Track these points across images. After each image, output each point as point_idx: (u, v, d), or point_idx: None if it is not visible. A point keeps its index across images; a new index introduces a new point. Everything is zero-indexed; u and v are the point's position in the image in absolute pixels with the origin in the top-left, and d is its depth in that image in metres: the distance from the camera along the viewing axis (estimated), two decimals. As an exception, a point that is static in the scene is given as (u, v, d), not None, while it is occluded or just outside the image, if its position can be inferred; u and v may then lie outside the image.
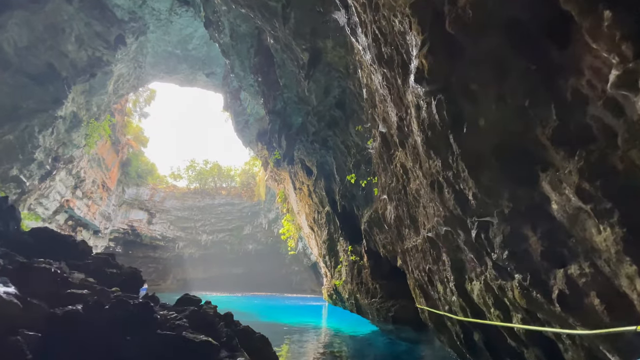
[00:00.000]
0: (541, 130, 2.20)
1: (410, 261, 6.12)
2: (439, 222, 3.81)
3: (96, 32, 21.67)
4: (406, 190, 5.31)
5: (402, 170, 5.23)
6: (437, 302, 5.06)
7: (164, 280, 65.03)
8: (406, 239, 5.97)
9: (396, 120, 4.22)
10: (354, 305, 16.50)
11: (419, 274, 5.61)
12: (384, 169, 6.28)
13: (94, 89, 24.45)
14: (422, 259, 5.09)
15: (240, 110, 31.45)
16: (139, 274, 6.13)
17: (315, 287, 55.49)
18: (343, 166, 15.73)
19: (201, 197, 65.50)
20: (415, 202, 4.98)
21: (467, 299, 3.95)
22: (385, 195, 6.70)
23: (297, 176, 21.87)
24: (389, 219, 6.72)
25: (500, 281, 3.08)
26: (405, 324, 13.50)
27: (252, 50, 17.60)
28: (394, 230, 6.48)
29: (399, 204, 5.78)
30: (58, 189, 34.23)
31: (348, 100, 12.97)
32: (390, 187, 6.10)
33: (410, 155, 4.22)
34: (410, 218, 5.33)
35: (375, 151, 6.62)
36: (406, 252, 6.28)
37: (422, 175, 3.87)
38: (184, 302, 5.45)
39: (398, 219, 6.05)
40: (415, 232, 5.25)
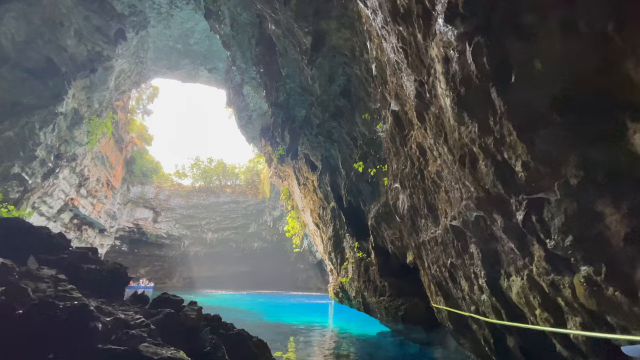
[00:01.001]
0: (635, 62, 1.56)
1: (426, 256, 5.47)
2: (468, 206, 3.17)
3: (95, 26, 21.24)
4: (423, 174, 4.65)
5: (419, 152, 4.57)
6: (460, 301, 4.42)
7: (170, 278, 65.16)
8: (422, 231, 5.32)
9: (414, 88, 3.57)
10: (361, 303, 15.87)
11: (437, 269, 4.96)
12: (396, 154, 5.63)
13: (94, 85, 24.07)
14: (442, 253, 4.45)
15: (243, 106, 30.94)
16: (122, 271, 5.54)
17: (321, 285, 55.05)
18: (349, 159, 15.07)
19: (206, 195, 65.40)
20: (435, 188, 4.33)
21: (501, 298, 3.31)
22: (397, 184, 6.05)
23: (301, 171, 21.26)
24: (401, 209, 6.07)
25: (552, 276, 2.44)
26: (416, 323, 12.84)
27: (253, 40, 16.99)
28: (407, 222, 5.83)
29: (414, 192, 5.13)
30: (62, 187, 34.10)
31: (354, 88, 12.30)
32: (403, 173, 5.44)
33: (431, 130, 3.58)
34: (428, 206, 4.68)
35: (386, 134, 5.96)
36: (421, 245, 5.63)
37: (447, 151, 3.22)
38: (160, 304, 4.72)
39: (412, 209, 5.40)
40: (434, 222, 4.60)
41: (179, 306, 4.61)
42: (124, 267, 5.71)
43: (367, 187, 14.55)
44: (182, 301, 4.92)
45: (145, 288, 53.96)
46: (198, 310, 4.44)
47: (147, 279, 59.51)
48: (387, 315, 14.03)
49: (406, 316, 12.99)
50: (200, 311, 4.50)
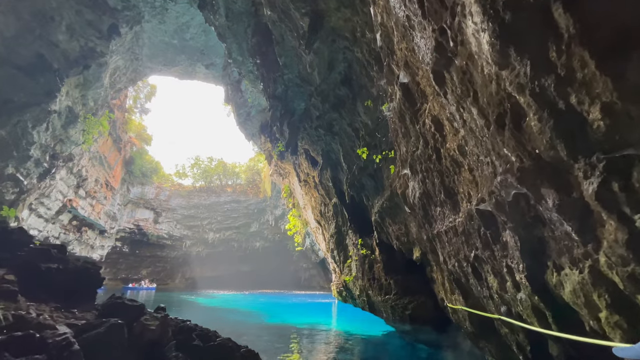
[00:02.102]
0: None
1: (441, 249, 4.81)
2: (504, 182, 2.51)
3: (88, 20, 20.63)
4: (439, 153, 3.99)
5: (434, 127, 3.90)
6: (485, 300, 3.77)
7: (172, 279, 64.79)
8: (436, 221, 4.66)
9: (432, 40, 2.91)
10: (365, 302, 15.22)
11: (456, 264, 4.30)
12: (405, 135, 4.96)
13: (88, 82, 23.48)
14: (464, 244, 3.80)
15: (242, 102, 30.34)
16: (94, 271, 4.87)
17: (324, 284, 54.48)
18: (351, 152, 14.40)
19: (207, 195, 64.91)
20: (454, 168, 3.67)
21: (547, 296, 2.66)
22: (406, 170, 5.38)
23: (301, 167, 20.63)
24: (411, 198, 5.41)
25: (633, 267, 1.79)
26: (425, 323, 12.18)
27: (249, 30, 16.33)
28: (419, 212, 5.17)
29: (427, 176, 4.46)
30: (60, 188, 33.61)
31: (355, 76, 11.62)
32: (414, 155, 4.77)
33: (453, 93, 2.92)
34: (445, 191, 4.02)
35: (393, 113, 5.30)
36: (436, 238, 4.96)
37: (478, 114, 2.57)
38: (108, 311, 3.84)
39: (425, 196, 4.74)
40: (453, 209, 3.94)
41: (136, 314, 3.88)
42: (96, 266, 5.07)
43: (370, 181, 13.90)
44: (140, 307, 4.17)
45: (147, 289, 53.53)
46: (162, 320, 3.72)
47: (149, 280, 59.13)
48: (393, 315, 13.37)
49: (414, 315, 12.34)
50: (166, 320, 3.80)
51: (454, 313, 5.86)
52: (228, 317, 18.35)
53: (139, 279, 58.08)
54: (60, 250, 5.33)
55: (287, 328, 13.39)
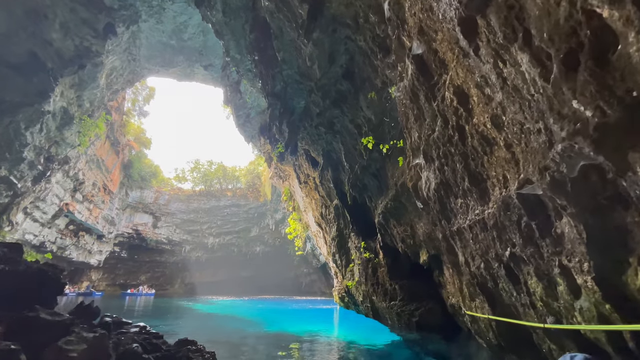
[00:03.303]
0: None
1: (462, 248, 4.14)
2: (569, 151, 1.86)
3: (82, 19, 20.16)
4: (463, 132, 3.34)
5: (458, 100, 3.26)
6: (523, 309, 3.09)
7: (171, 285, 63.93)
8: (457, 216, 3.99)
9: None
10: (369, 309, 14.47)
11: (482, 265, 3.63)
12: (418, 117, 4.31)
13: (84, 83, 22.98)
14: (495, 240, 3.13)
15: (241, 104, 29.87)
16: (53, 274, 4.13)
17: (325, 289, 53.52)
18: (353, 151, 13.78)
19: (206, 199, 64.26)
20: (485, 147, 3.02)
21: (624, 304, 1.99)
22: (419, 159, 4.72)
23: (301, 169, 20.02)
24: (424, 191, 4.74)
25: None
26: (433, 331, 11.42)
27: (247, 26, 15.81)
28: (434, 206, 4.50)
29: (447, 162, 3.81)
30: (55, 192, 33.02)
31: (357, 68, 11.03)
32: (429, 140, 4.12)
33: (488, 46, 2.28)
34: (471, 177, 3.36)
35: (403, 94, 4.65)
36: (455, 236, 4.29)
37: (530, 60, 1.92)
38: (13, 329, 2.77)
39: (443, 186, 4.08)
40: (480, 199, 3.28)
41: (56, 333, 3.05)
42: (57, 269, 4.39)
43: (373, 181, 13.26)
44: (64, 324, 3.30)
45: (146, 295, 52.67)
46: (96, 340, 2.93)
47: (147, 285, 58.26)
48: (399, 322, 12.61)
49: (421, 323, 11.58)
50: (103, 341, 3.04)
51: (473, 322, 5.15)
52: (225, 325, 17.57)
53: (137, 285, 57.23)
54: (13, 249, 4.66)
55: (287, 337, 12.62)
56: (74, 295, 43.99)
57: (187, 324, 18.11)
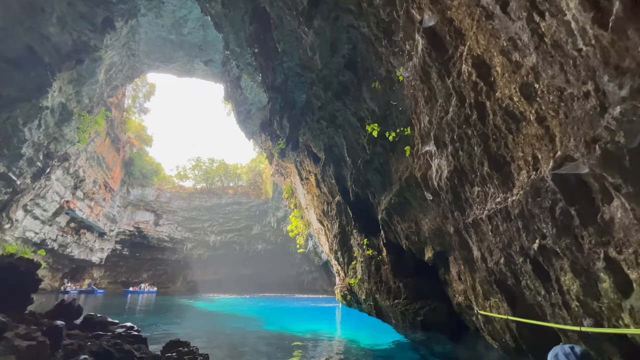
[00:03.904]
0: None
1: (477, 243, 3.76)
2: (630, 114, 1.47)
3: (80, 13, 19.82)
4: (483, 110, 2.95)
5: (477, 73, 2.87)
6: (553, 309, 2.71)
7: (173, 282, 63.90)
8: (472, 206, 3.61)
9: None
10: (372, 307, 14.12)
11: (502, 260, 3.25)
12: (429, 98, 3.92)
13: (83, 78, 22.67)
14: (521, 231, 2.75)
15: (242, 99, 29.53)
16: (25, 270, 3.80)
17: (327, 287, 53.26)
18: (355, 145, 13.39)
19: (208, 197, 64.08)
20: (510, 124, 2.63)
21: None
22: (429, 146, 4.33)
23: (303, 165, 19.67)
24: (435, 180, 4.35)
25: None
26: (438, 330, 11.06)
27: (246, 17, 15.41)
28: (446, 197, 4.12)
29: (462, 146, 3.42)
30: (56, 189, 32.84)
31: (360, 58, 10.62)
32: (442, 123, 3.73)
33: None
34: (491, 161, 2.98)
35: (412, 75, 4.26)
36: (469, 228, 3.90)
37: (580, 3, 1.53)
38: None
39: (457, 174, 3.69)
40: (502, 185, 2.90)
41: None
42: (33, 264, 4.05)
43: (376, 176, 12.88)
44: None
45: (148, 293, 52.61)
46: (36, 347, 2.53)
47: (150, 283, 58.23)
48: (403, 321, 12.25)
49: (426, 322, 11.22)
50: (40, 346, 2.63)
51: (487, 322, 4.77)
52: (225, 323, 17.27)
53: (139, 283, 57.21)
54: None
55: (288, 337, 12.28)
56: (76, 293, 43.95)
57: (186, 322, 17.83)
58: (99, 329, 4.45)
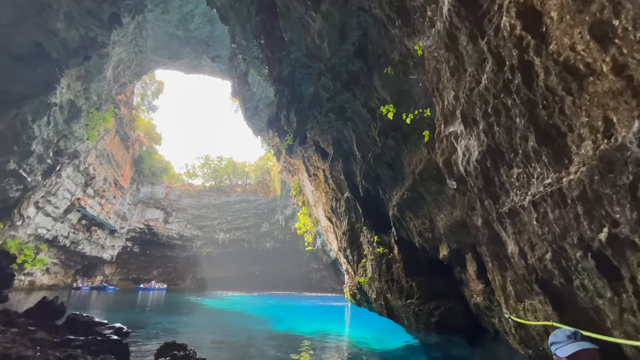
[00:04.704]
0: None
1: (515, 235, 3.21)
2: None
3: (87, 8, 19.70)
4: (529, 71, 2.40)
5: (523, 25, 2.32)
6: (619, 314, 2.16)
7: (183, 279, 64.36)
8: (510, 191, 3.06)
9: None
10: (383, 307, 13.59)
11: (548, 255, 2.70)
12: (457, 68, 3.37)
13: (90, 74, 22.63)
14: (580, 218, 2.20)
15: (249, 96, 29.22)
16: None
17: (335, 286, 52.81)
18: (365, 138, 12.84)
19: (217, 195, 64.27)
20: (568, 84, 2.09)
21: None
22: (454, 125, 3.79)
23: (310, 161, 19.19)
24: (462, 165, 3.80)
25: None
26: (455, 332, 10.46)
27: (252, 8, 14.99)
28: (477, 182, 3.57)
29: (499, 120, 2.88)
30: (67, 186, 33.14)
31: (371, 45, 10.07)
32: (472, 96, 3.18)
33: None
34: (539, 135, 2.43)
35: (435, 43, 3.71)
36: (504, 219, 3.35)
37: None
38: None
39: (491, 155, 3.15)
40: (555, 163, 2.36)
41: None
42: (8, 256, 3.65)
43: (387, 171, 12.30)
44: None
45: (158, 289, 53.06)
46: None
47: (160, 280, 58.74)
48: (416, 322, 11.68)
49: (441, 323, 10.63)
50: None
51: (519, 327, 4.20)
52: (233, 322, 16.95)
53: (149, 280, 57.76)
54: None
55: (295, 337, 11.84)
56: (88, 290, 44.53)
57: (193, 321, 17.59)
58: (82, 330, 4.06)
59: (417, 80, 6.81)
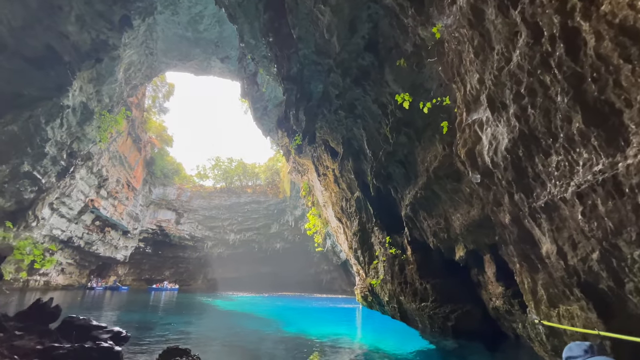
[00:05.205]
0: None
1: (552, 232, 2.84)
2: None
3: (98, 11, 19.92)
4: (575, 40, 2.04)
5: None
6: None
7: (194, 280, 64.86)
8: (547, 183, 2.70)
9: None
10: (396, 310, 13.17)
11: (595, 255, 2.34)
12: (482, 48, 3.02)
13: (102, 77, 22.90)
14: (639, 212, 1.84)
15: (258, 96, 29.18)
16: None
17: (346, 287, 52.32)
18: (376, 135, 12.48)
19: (227, 196, 64.65)
20: (626, 49, 1.74)
21: None
22: (479, 112, 3.43)
23: (320, 160, 18.89)
24: (488, 156, 3.44)
25: None
26: (472, 337, 9.99)
27: (260, 5, 14.82)
28: (505, 174, 3.21)
29: (535, 101, 2.52)
30: (80, 188, 33.70)
31: (382, 37, 9.72)
32: (502, 75, 2.82)
33: None
34: (587, 113, 2.07)
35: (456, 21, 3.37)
36: (536, 215, 2.98)
37: None
38: None
39: (523, 142, 2.80)
40: (606, 146, 2.00)
41: None
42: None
43: (399, 169, 11.89)
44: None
45: (170, 290, 53.58)
46: None
47: (172, 281, 59.34)
48: (431, 326, 11.23)
49: (458, 327, 10.17)
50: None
51: (552, 335, 3.80)
52: (242, 324, 16.77)
53: (162, 280, 58.40)
54: None
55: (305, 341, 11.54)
56: (102, 290, 45.26)
57: (203, 322, 17.48)
58: (77, 334, 3.84)
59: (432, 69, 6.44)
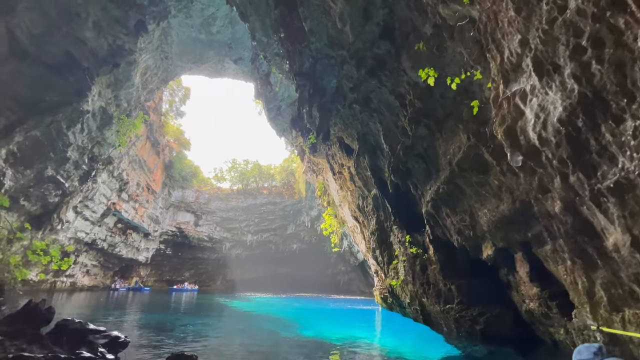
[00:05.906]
0: None
1: (623, 219, 2.29)
2: None
3: (114, 17, 20.26)
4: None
5: None
6: None
7: (213, 281, 65.74)
8: (618, 156, 2.15)
9: None
10: (418, 312, 12.50)
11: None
12: (523, 3, 2.48)
13: (119, 82, 23.33)
14: None
15: (272, 96, 29.07)
16: None
17: (364, 288, 51.51)
18: (394, 129, 11.87)
19: (244, 198, 65.24)
20: None
21: None
22: (520, 82, 2.89)
23: (334, 158, 18.41)
24: (535, 131, 2.90)
25: None
26: (504, 342, 9.25)
27: (271, 1, 14.55)
28: (558, 152, 2.67)
29: (602, 55, 1.98)
30: (102, 192, 34.61)
31: (399, 23, 9.16)
32: (554, 29, 2.29)
33: None
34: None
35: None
36: (599, 199, 2.43)
37: None
38: None
39: (586, 107, 2.27)
40: None
41: None
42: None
43: (419, 164, 11.24)
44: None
45: (191, 291, 54.47)
46: None
47: (192, 281, 60.36)
48: (458, 330, 10.53)
49: (488, 332, 9.45)
50: None
51: (611, 344, 3.19)
52: (259, 326, 16.51)
53: (182, 281, 59.47)
54: None
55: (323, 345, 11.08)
56: (124, 290, 46.46)
57: (219, 324, 17.35)
58: (70, 340, 3.55)
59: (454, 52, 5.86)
